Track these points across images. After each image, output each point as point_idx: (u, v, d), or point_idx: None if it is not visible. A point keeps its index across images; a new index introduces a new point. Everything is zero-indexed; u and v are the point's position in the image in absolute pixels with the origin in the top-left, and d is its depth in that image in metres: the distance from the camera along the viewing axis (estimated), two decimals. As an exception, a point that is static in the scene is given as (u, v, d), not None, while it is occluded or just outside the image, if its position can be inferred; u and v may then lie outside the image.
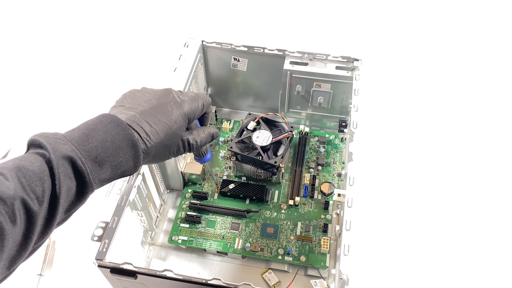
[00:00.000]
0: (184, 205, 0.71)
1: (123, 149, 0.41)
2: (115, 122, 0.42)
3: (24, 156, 0.37)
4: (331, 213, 0.70)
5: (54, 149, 0.36)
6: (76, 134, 0.40)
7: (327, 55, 0.72)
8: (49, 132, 0.39)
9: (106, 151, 0.40)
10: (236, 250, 0.66)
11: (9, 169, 0.34)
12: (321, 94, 0.76)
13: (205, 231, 0.68)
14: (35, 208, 0.34)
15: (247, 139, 0.71)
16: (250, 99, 0.83)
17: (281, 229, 0.68)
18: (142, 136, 0.44)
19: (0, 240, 0.32)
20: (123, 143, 0.41)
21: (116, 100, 0.48)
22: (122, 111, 0.45)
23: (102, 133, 0.41)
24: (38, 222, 0.35)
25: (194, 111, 0.50)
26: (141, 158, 0.43)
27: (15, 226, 0.33)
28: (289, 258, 0.65)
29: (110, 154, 0.40)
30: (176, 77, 0.68)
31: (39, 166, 0.36)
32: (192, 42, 0.73)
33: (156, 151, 0.46)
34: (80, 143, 0.39)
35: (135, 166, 0.43)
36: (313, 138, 0.80)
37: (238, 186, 0.71)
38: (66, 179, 0.37)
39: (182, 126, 0.48)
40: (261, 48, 0.73)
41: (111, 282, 0.57)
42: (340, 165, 0.76)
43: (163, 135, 0.46)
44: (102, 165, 0.40)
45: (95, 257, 0.51)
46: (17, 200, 0.33)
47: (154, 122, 0.45)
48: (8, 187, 0.33)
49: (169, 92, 0.49)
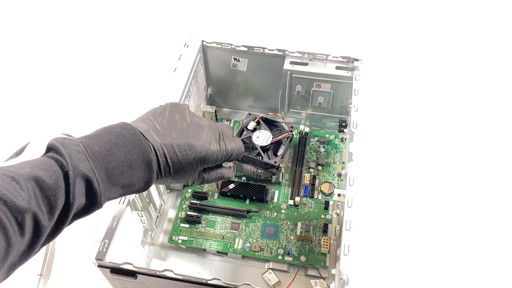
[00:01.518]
0: (184, 205, 0.71)
1: (139, 171, 0.41)
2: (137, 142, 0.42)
3: (42, 161, 0.36)
4: (331, 213, 0.70)
5: (74, 165, 0.36)
6: (97, 148, 0.39)
7: (327, 55, 0.72)
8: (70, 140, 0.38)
9: (123, 173, 0.40)
10: (236, 250, 0.66)
11: (26, 179, 0.34)
12: (321, 94, 0.76)
13: (205, 231, 0.68)
14: (44, 223, 0.34)
15: (247, 139, 0.71)
16: (250, 99, 0.83)
17: (281, 229, 0.68)
18: (162, 165, 0.44)
19: (6, 250, 0.32)
20: (141, 166, 0.41)
21: (154, 109, 0.48)
22: (150, 132, 0.44)
23: (123, 153, 0.40)
24: (44, 235, 0.35)
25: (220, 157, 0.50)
26: (153, 182, 0.43)
27: (22, 238, 0.33)
28: (289, 258, 0.65)
29: (125, 176, 0.40)
30: (176, 77, 0.68)
31: (56, 180, 0.35)
32: (192, 42, 0.73)
33: (172, 179, 0.47)
34: (100, 161, 0.39)
35: (145, 187, 0.43)
36: (313, 138, 0.80)
37: (238, 186, 0.71)
38: (79, 196, 0.37)
39: (198, 167, 0.48)
40: (261, 48, 0.73)
41: (111, 282, 0.57)
42: (340, 165, 0.76)
43: (179, 171, 0.46)
44: (115, 185, 0.40)
45: (95, 257, 0.51)
46: (29, 214, 0.33)
47: (181, 154, 0.45)
48: (23, 198, 0.33)
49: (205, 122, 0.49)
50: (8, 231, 0.32)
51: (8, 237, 0.32)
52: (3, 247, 0.31)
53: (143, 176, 0.42)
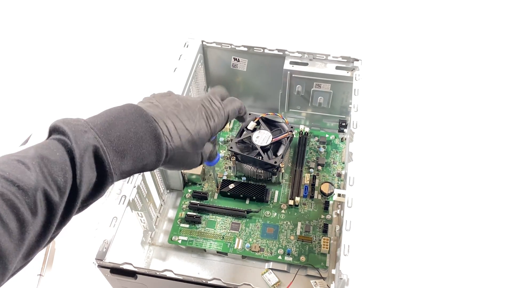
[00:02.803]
0: (184, 205, 0.71)
1: (146, 141, 0.40)
2: (139, 112, 0.41)
3: (45, 143, 0.36)
4: (331, 213, 0.70)
5: (76, 138, 0.35)
6: (98, 121, 0.39)
7: (327, 55, 0.72)
8: (71, 118, 0.38)
9: (129, 141, 0.39)
10: (236, 250, 0.66)
11: (31, 159, 0.34)
12: (321, 94, 0.76)
13: (205, 231, 0.68)
14: (56, 199, 0.34)
15: (247, 139, 0.71)
16: (250, 99, 0.83)
17: (281, 229, 0.68)
18: (165, 134, 0.42)
19: (22, 232, 0.31)
20: (147, 135, 0.40)
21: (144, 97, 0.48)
22: (149, 106, 0.44)
23: (126, 123, 0.39)
24: (58, 213, 0.34)
25: (218, 125, 0.49)
26: (163, 153, 0.42)
27: (36, 217, 0.33)
28: (289, 258, 0.65)
29: (132, 145, 0.39)
30: (176, 77, 0.68)
31: (61, 156, 0.35)
32: (192, 42, 0.73)
33: (173, 156, 0.45)
34: (102, 131, 0.38)
35: (157, 160, 0.42)
36: (313, 138, 0.80)
37: (238, 186, 0.71)
38: (87, 169, 0.36)
39: (203, 139, 0.47)
40: (261, 48, 0.73)
41: (111, 282, 0.57)
42: (340, 165, 0.76)
43: (184, 141, 0.45)
44: (124, 156, 0.39)
45: (95, 257, 0.51)
46: (39, 191, 0.33)
47: (178, 126, 0.44)
48: (30, 177, 0.32)
49: (197, 102, 0.49)
50: (20, 210, 0.31)
51: (21, 216, 0.31)
52: (17, 227, 0.31)
53: (152, 146, 0.41)
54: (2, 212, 0.30)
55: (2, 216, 0.30)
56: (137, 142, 0.40)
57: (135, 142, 0.39)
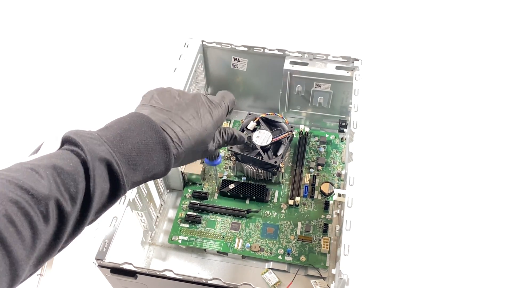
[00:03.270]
0: (184, 205, 0.71)
1: (156, 152, 0.41)
2: (149, 124, 0.42)
3: (58, 153, 0.36)
4: (331, 213, 0.70)
5: (90, 150, 0.36)
6: (110, 134, 0.39)
7: (327, 55, 0.72)
8: (84, 131, 0.38)
9: (140, 154, 0.40)
10: (236, 250, 0.66)
11: (45, 168, 0.34)
12: (321, 94, 0.76)
13: (205, 231, 0.68)
14: (68, 209, 0.34)
15: (247, 139, 0.71)
16: (250, 99, 0.83)
17: (281, 229, 0.68)
18: (174, 140, 0.43)
19: (33, 239, 0.32)
20: (157, 146, 0.41)
21: (143, 97, 0.48)
22: (154, 112, 0.44)
23: (137, 135, 0.40)
24: (69, 223, 0.35)
25: (222, 116, 0.50)
26: (172, 162, 0.43)
27: (47, 226, 0.33)
28: (289, 258, 0.65)
29: (144, 157, 0.40)
30: (176, 77, 0.68)
31: (74, 167, 0.35)
32: (192, 42, 0.73)
33: (184, 157, 0.46)
34: (115, 144, 0.38)
35: (166, 169, 0.43)
36: (313, 138, 0.80)
37: (238, 186, 0.71)
38: (100, 181, 0.36)
39: (211, 133, 0.48)
40: (261, 48, 0.73)
41: (111, 282, 0.57)
42: (340, 165, 0.76)
43: (194, 142, 0.45)
44: (136, 168, 0.40)
45: (95, 257, 0.51)
46: (51, 200, 0.33)
47: (186, 127, 0.45)
48: (44, 186, 0.33)
49: (199, 97, 0.49)
50: (33, 218, 0.31)
51: (34, 224, 0.31)
52: (30, 235, 0.31)
53: (161, 156, 0.42)
54: (17, 220, 0.31)
55: (17, 224, 0.30)
56: (148, 153, 0.40)
57: (146, 154, 0.40)
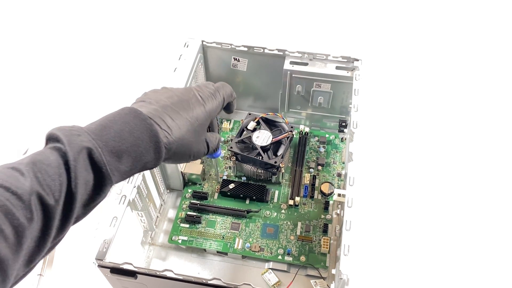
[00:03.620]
0: (184, 205, 0.71)
1: (142, 140, 0.40)
2: (134, 113, 0.41)
3: (40, 151, 0.36)
4: (331, 213, 0.70)
5: (69, 141, 0.36)
6: (93, 126, 0.39)
7: (327, 55, 0.72)
8: (67, 126, 0.38)
9: (124, 141, 0.39)
10: (236, 250, 0.66)
11: (25, 165, 0.34)
12: (321, 94, 0.76)
13: (205, 231, 0.68)
14: (51, 202, 0.34)
15: (247, 139, 0.71)
16: (250, 99, 0.83)
17: (281, 229, 0.68)
18: (163, 128, 0.42)
19: (18, 237, 0.31)
20: (143, 134, 0.40)
21: (137, 98, 0.47)
22: (142, 105, 0.44)
23: (120, 124, 0.39)
24: (55, 217, 0.34)
25: (216, 108, 0.49)
26: (162, 149, 0.41)
27: (32, 222, 0.32)
28: (289, 258, 0.65)
29: (129, 145, 0.39)
30: (176, 77, 0.68)
31: (55, 160, 0.35)
32: (192, 42, 0.73)
33: (177, 148, 0.44)
34: (96, 133, 0.38)
35: (157, 158, 0.42)
36: (313, 138, 0.80)
37: (238, 186, 0.71)
38: (82, 171, 0.36)
39: (203, 124, 0.47)
40: (261, 48, 0.73)
41: (111, 282, 0.57)
42: (340, 165, 0.76)
43: (185, 131, 0.44)
44: (121, 156, 0.39)
45: (95, 257, 0.51)
46: (33, 196, 0.33)
47: (175, 117, 0.44)
48: (24, 183, 0.32)
49: (190, 90, 0.48)
50: (15, 215, 0.31)
51: (16, 222, 0.31)
52: (13, 233, 0.31)
53: (149, 143, 0.41)
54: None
55: None
56: (133, 141, 0.39)
57: (131, 142, 0.39)
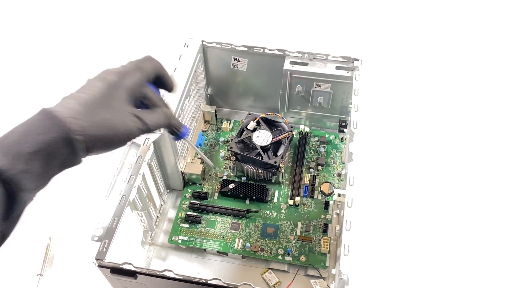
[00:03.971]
0: (184, 205, 0.71)
1: (39, 127, 0.36)
2: (41, 112, 0.38)
3: None
4: (331, 213, 0.70)
5: None
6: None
7: (327, 55, 0.72)
8: None
9: (27, 142, 0.36)
10: (236, 250, 0.66)
11: None
12: (321, 94, 0.76)
13: (205, 231, 0.68)
14: None
15: (247, 139, 0.71)
16: (250, 99, 0.83)
17: (281, 229, 0.68)
18: (60, 109, 0.38)
19: None
20: (50, 130, 0.36)
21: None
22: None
23: (26, 125, 0.37)
24: None
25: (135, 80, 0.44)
26: (71, 135, 0.37)
27: None
28: (289, 258, 0.65)
29: (33, 144, 0.36)
30: (176, 77, 0.68)
31: None
32: (192, 42, 0.73)
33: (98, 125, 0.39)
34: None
35: (66, 141, 0.37)
36: (313, 138, 0.80)
37: (238, 186, 0.71)
38: None
39: (118, 95, 0.41)
40: (261, 48, 0.73)
41: (111, 282, 0.57)
42: (340, 165, 0.76)
43: (96, 104, 0.39)
44: (29, 158, 0.35)
45: (95, 257, 0.51)
46: None
47: (78, 96, 0.40)
48: None
49: (105, 70, 0.44)
50: None
51: None
52: None
53: (47, 126, 0.36)
54: None
55: None
56: (39, 139, 0.36)
57: (36, 141, 0.36)
